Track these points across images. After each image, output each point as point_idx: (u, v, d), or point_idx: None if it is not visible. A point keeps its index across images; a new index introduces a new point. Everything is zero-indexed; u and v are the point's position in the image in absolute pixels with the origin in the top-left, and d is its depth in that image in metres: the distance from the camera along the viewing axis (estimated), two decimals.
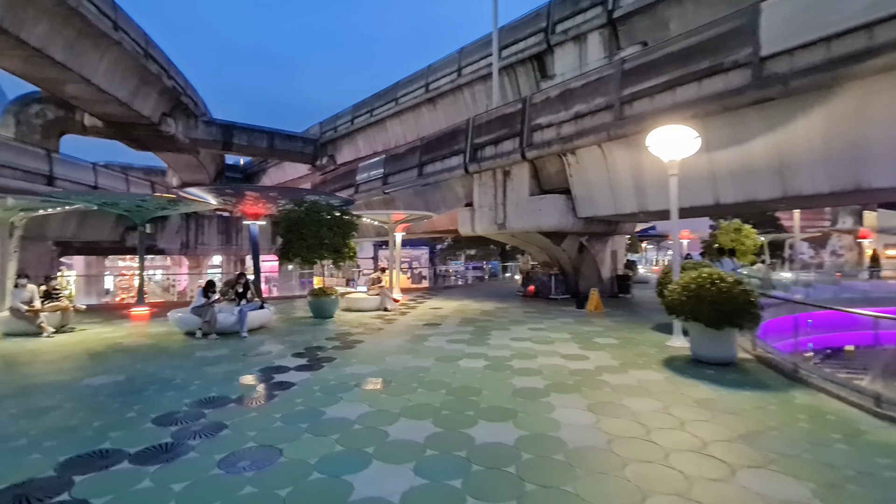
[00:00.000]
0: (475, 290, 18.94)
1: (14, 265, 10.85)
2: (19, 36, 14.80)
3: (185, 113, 27.50)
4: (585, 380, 5.15)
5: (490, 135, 13.69)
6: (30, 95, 23.88)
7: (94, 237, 22.43)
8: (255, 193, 11.30)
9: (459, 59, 22.58)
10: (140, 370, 5.68)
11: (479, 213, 14.25)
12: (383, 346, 7.15)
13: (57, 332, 8.24)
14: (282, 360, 6.25)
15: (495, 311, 11.48)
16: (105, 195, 10.70)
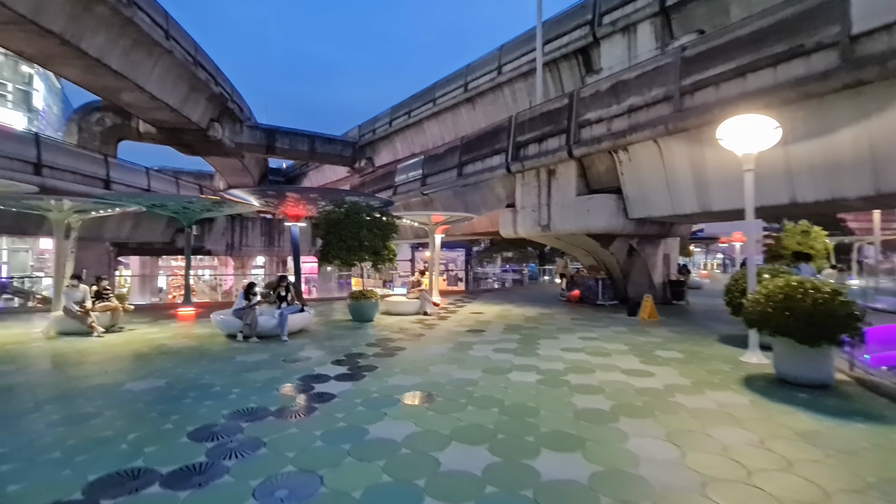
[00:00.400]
0: (514, 294, 18.34)
1: (71, 265, 11.29)
2: (80, 46, 15.58)
3: (231, 118, 28.42)
4: (656, 401, 4.55)
5: (534, 132, 13.11)
6: (91, 104, 25.36)
7: (148, 238, 23.47)
8: (296, 195, 11.25)
9: (499, 57, 22.05)
10: (181, 375, 5.55)
11: (521, 215, 13.68)
12: (426, 355, 6.76)
13: (107, 331, 8.39)
14: (322, 367, 5.98)
15: (540, 318, 10.89)
16: (154, 197, 10.97)
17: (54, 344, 7.47)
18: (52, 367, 5.95)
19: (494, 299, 15.49)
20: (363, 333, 8.69)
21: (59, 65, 17.23)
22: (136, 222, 21.41)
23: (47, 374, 5.59)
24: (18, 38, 14.88)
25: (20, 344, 7.46)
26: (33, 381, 5.26)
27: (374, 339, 8.08)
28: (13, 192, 8.91)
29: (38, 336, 8.14)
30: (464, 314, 11.55)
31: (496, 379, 5.41)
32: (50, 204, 9.10)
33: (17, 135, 14.82)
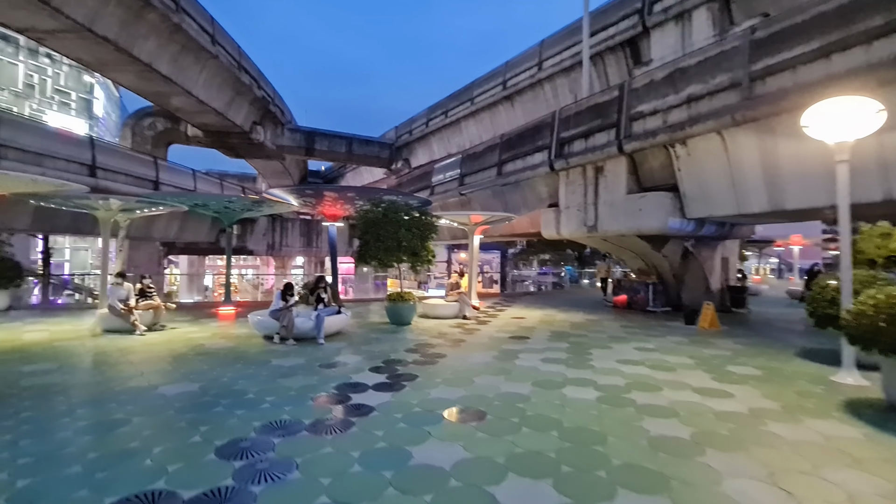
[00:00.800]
0: (554, 298, 17.57)
1: (120, 263, 11.58)
2: (132, 52, 16.15)
3: (272, 121, 29.05)
4: (744, 430, 3.87)
5: (579, 127, 12.38)
6: (143, 109, 26.54)
7: (194, 238, 24.25)
8: (334, 194, 11.07)
9: (540, 53, 21.32)
10: (215, 379, 5.33)
11: (565, 215, 12.97)
12: (469, 364, 6.28)
13: (149, 329, 8.43)
14: (359, 374, 5.62)
15: (587, 324, 10.18)
16: (196, 196, 11.09)
17: (98, 342, 7.52)
18: (91, 366, 5.89)
19: (534, 303, 14.83)
20: (401, 338, 8.31)
21: (114, 71, 17.98)
22: (183, 223, 22.12)
23: (85, 374, 5.51)
24: (77, 45, 15.58)
25: (66, 341, 7.55)
26: (70, 381, 5.17)
27: (412, 344, 7.68)
28: (64, 191, 9.14)
29: (85, 333, 8.28)
30: (504, 319, 11.00)
31: (549, 394, 4.85)
32: (97, 203, 9.29)
33: (75, 138, 15.52)
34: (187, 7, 17.64)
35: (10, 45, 34.26)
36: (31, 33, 14.85)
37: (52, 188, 8.89)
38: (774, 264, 54.34)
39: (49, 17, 13.67)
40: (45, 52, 36.58)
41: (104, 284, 9.23)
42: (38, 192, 9.03)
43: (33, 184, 8.73)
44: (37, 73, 36.19)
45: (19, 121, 13.97)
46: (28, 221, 14.22)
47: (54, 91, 37.51)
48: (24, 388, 4.85)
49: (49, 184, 8.81)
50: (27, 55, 35.48)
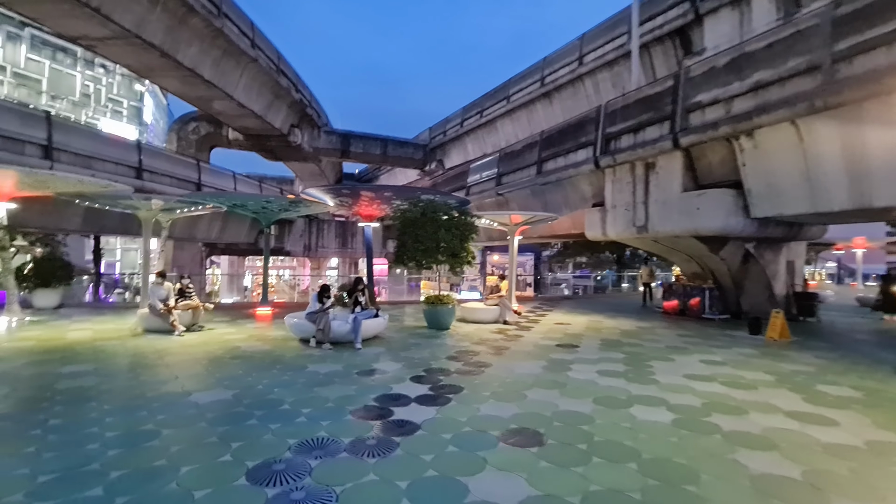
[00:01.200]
0: (594, 302, 16.71)
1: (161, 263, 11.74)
2: (176, 58, 16.55)
3: (309, 124, 29.44)
4: (870, 471, 3.17)
5: (628, 121, 11.60)
6: (187, 115, 27.45)
7: (234, 239, 24.79)
8: (370, 193, 10.80)
9: (580, 47, 20.49)
10: (250, 386, 5.05)
11: (611, 215, 12.19)
12: (517, 375, 5.75)
13: (187, 330, 8.36)
14: (400, 385, 5.21)
15: (638, 332, 9.42)
16: (235, 196, 11.09)
17: (137, 342, 7.47)
18: (128, 368, 5.76)
19: (575, 308, 14.09)
20: (441, 343, 7.87)
21: (160, 77, 18.56)
22: (224, 224, 22.61)
23: (120, 378, 5.36)
24: (126, 52, 16.11)
25: (107, 341, 7.55)
26: (104, 385, 5.00)
27: (453, 350, 7.22)
28: (109, 191, 9.26)
29: (126, 332, 8.30)
30: (547, 324, 10.38)
31: (615, 415, 4.27)
32: (139, 203, 9.36)
33: (123, 142, 16.03)
34: (228, 12, 17.98)
35: (69, 56, 36.36)
36: (84, 41, 15.46)
37: (98, 189, 9.02)
38: (832, 269, 50.60)
39: (100, 25, 14.15)
40: (99, 63, 38.62)
41: (145, 284, 9.29)
42: (84, 192, 9.19)
43: (79, 184, 8.88)
44: (92, 83, 38.25)
45: (71, 126, 14.51)
46: (79, 222, 14.74)
47: (108, 100, 39.56)
48: (59, 391, 4.72)
49: (94, 184, 8.93)
50: (84, 66, 37.56)
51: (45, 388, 4.83)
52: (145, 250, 10.02)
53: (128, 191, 9.57)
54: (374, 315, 7.85)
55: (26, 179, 8.58)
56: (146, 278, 9.29)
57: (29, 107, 15.20)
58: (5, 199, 9.29)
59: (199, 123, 27.65)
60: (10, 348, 6.78)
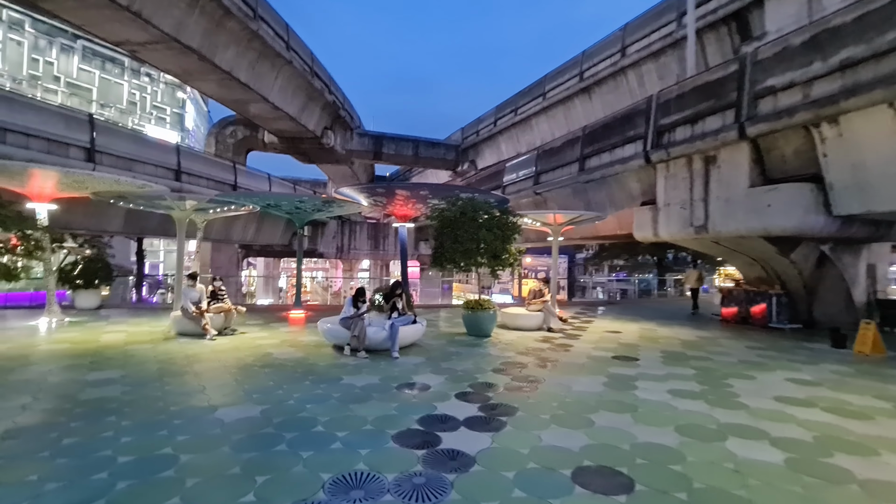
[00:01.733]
0: (638, 307, 15.62)
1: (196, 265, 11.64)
2: (213, 61, 16.67)
3: (342, 126, 29.47)
4: None
5: (684, 111, 10.63)
6: (225, 119, 28.00)
7: (268, 241, 25.00)
8: (406, 192, 10.30)
9: (623, 38, 19.43)
10: (281, 400, 4.58)
11: (664, 214, 11.23)
12: (577, 393, 5.05)
13: (219, 333, 8.08)
14: (445, 403, 4.61)
15: (701, 343, 8.49)
16: (268, 196, 10.86)
17: (168, 346, 7.21)
18: (155, 377, 5.42)
19: (622, 314, 13.13)
20: (484, 353, 7.24)
21: (198, 80, 18.82)
22: (259, 225, 22.79)
23: (146, 387, 5.00)
24: (166, 56, 16.35)
25: (139, 344, 7.33)
26: (128, 396, 4.65)
27: (498, 362, 6.58)
28: (145, 192, 9.15)
29: (159, 335, 8.10)
30: (596, 332, 9.56)
31: (709, 451, 3.52)
32: (173, 203, 9.21)
33: (162, 145, 16.26)
34: (264, 14, 18.03)
35: (117, 66, 38.11)
36: (126, 46, 15.77)
37: (133, 189, 8.91)
38: None
39: (141, 30, 14.36)
40: (144, 72, 40.30)
41: (179, 286, 9.12)
42: (121, 192, 9.10)
43: (116, 184, 8.79)
44: (138, 91, 39.96)
45: (113, 128, 14.76)
46: (120, 224, 14.98)
47: (152, 107, 41.22)
48: (81, 402, 4.39)
49: (130, 184, 8.83)
50: (130, 75, 39.28)
51: (68, 398, 4.51)
52: (179, 251, 9.88)
53: (162, 191, 9.45)
54: (411, 321, 7.30)
55: (65, 180, 8.56)
56: (180, 280, 9.12)
57: (73, 109, 15.62)
58: (46, 201, 9.34)
59: (237, 127, 28.15)
60: (43, 352, 6.64)
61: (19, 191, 9.13)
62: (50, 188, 9.01)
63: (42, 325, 8.95)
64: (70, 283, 11.69)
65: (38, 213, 9.25)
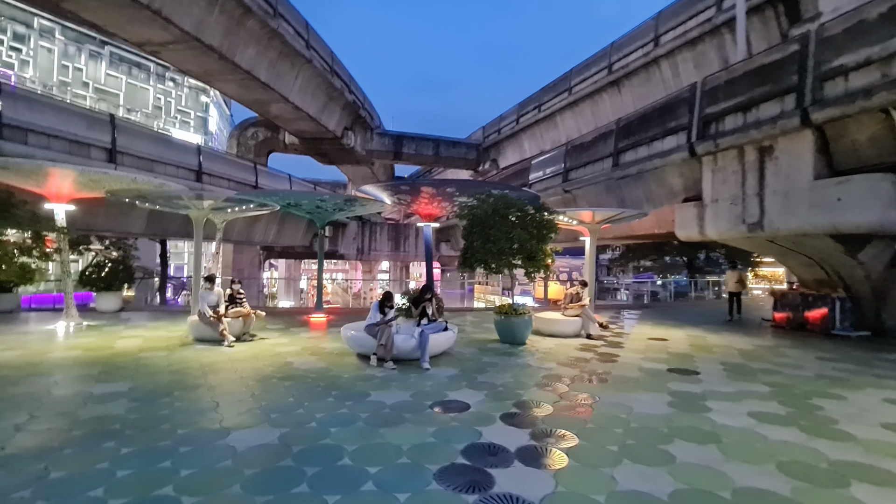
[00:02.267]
0: (675, 311, 14.64)
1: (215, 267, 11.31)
2: (234, 60, 16.44)
3: (362, 126, 29.15)
4: None
5: (734, 98, 9.74)
6: (247, 121, 28.01)
7: (289, 242, 24.82)
8: (431, 189, 9.71)
9: (656, 27, 18.46)
10: (301, 422, 4.01)
11: (711, 211, 10.34)
12: (640, 416, 4.34)
13: (238, 339, 7.63)
14: (490, 427, 3.97)
15: (761, 353, 7.62)
16: (288, 195, 10.42)
17: (184, 354, 6.77)
18: (165, 390, 4.93)
19: (661, 318, 12.23)
20: (522, 364, 6.56)
21: (219, 81, 18.66)
22: (280, 227, 22.59)
23: (154, 403, 4.51)
24: (187, 56, 16.20)
25: (154, 351, 6.92)
26: (134, 414, 4.17)
27: (541, 375, 5.89)
28: (163, 191, 8.80)
29: (176, 341, 7.70)
30: (639, 340, 8.76)
31: (832, 499, 2.79)
32: (189, 202, 8.83)
33: (184, 145, 16.10)
34: (283, 12, 17.75)
35: (143, 71, 38.81)
36: (148, 46, 15.66)
37: (151, 187, 8.56)
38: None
39: (161, 29, 14.18)
40: (169, 77, 40.94)
41: (196, 289, 8.73)
42: (139, 190, 8.76)
43: (133, 183, 8.45)
44: (163, 96, 40.61)
45: (134, 128, 14.64)
46: (142, 225, 14.84)
47: (177, 111, 41.83)
48: (80, 422, 3.91)
49: (147, 183, 8.47)
50: (156, 80, 39.95)
51: (67, 416, 4.05)
52: (196, 252, 9.52)
53: (178, 189, 9.09)
54: (443, 328, 6.68)
55: (81, 179, 8.25)
56: (198, 282, 8.73)
57: (94, 110, 15.59)
58: (64, 201, 9.08)
59: (258, 129, 28.14)
60: (53, 360, 6.26)
61: (37, 191, 8.90)
62: (67, 188, 8.74)
63: (60, 329, 8.67)
64: (91, 286, 11.49)
65: (56, 213, 9.00)
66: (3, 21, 30.45)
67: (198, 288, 8.49)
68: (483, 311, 15.81)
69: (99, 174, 8.08)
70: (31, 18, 31.92)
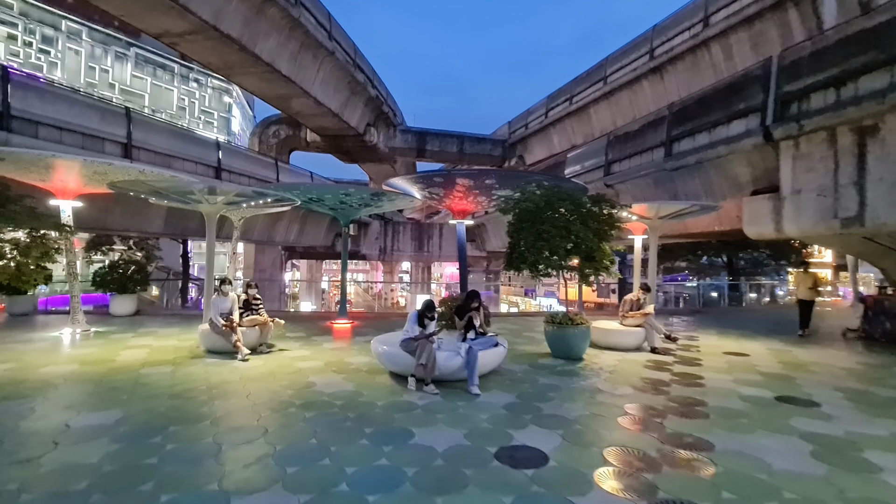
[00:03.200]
0: (729, 318, 13.14)
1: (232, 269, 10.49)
2: (254, 51, 15.71)
3: (385, 122, 28.30)
4: None
5: (824, 72, 8.33)
6: (268, 118, 27.50)
7: (311, 242, 24.14)
8: (468, 181, 8.62)
9: (705, 6, 16.90)
10: (327, 476, 2.99)
11: (792, 203, 8.93)
12: (784, 477, 3.15)
13: (253, 351, 6.70)
14: (589, 498, 2.84)
15: (875, 374, 6.26)
16: (311, 188, 9.48)
17: (191, 370, 5.86)
18: (160, 423, 3.98)
19: (722, 327, 10.80)
20: (589, 388, 5.39)
21: (239, 74, 17.99)
22: (302, 226, 21.91)
23: (140, 445, 3.56)
24: (205, 47, 15.55)
25: (159, 365, 6.04)
26: (110, 464, 3.21)
27: (620, 404, 4.71)
28: (174, 184, 7.97)
29: (186, 352, 6.82)
30: (714, 354, 7.46)
31: None
32: (201, 196, 7.97)
33: (203, 140, 15.46)
34: (305, 1, 16.95)
35: (167, 72, 39.00)
36: (166, 38, 15.05)
37: (160, 179, 7.74)
38: None
39: (179, 18, 13.52)
40: (193, 78, 41.06)
41: (208, 294, 7.87)
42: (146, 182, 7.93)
43: (141, 175, 7.64)
44: (187, 97, 40.76)
45: (151, 122, 14.03)
46: (161, 225, 14.23)
47: (200, 111, 41.92)
48: (37, 478, 2.97)
49: (156, 175, 7.65)
50: (180, 81, 40.13)
51: (24, 466, 3.11)
52: (209, 251, 8.67)
53: (188, 181, 8.22)
54: (493, 344, 5.57)
55: (85, 170, 7.47)
56: (210, 285, 7.88)
57: (109, 102, 15.06)
58: (70, 197, 8.36)
59: (279, 126, 27.61)
60: (42, 377, 5.42)
61: (41, 185, 8.19)
62: (73, 182, 8.00)
63: (65, 336, 7.93)
64: (104, 288, 10.84)
65: (61, 210, 8.28)
66: (32, 24, 30.80)
67: (210, 291, 7.62)
68: (519, 317, 14.64)
69: (103, 165, 7.28)
70: (59, 21, 32.24)
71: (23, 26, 30.26)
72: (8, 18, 29.79)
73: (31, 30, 30.60)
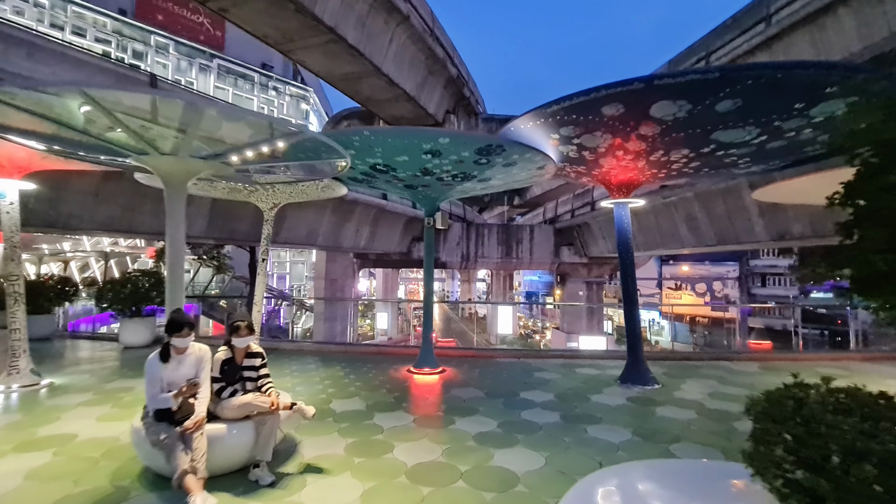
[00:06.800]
0: None
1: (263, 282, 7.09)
2: (313, 11, 12.66)
3: (466, 110, 24.63)
4: None
5: None
6: (339, 114, 25.23)
7: (385, 248, 21.06)
8: (654, 126, 4.29)
9: None
10: None
11: None
12: None
13: (256, 466, 2.93)
14: None
15: None
16: (377, 132, 5.55)
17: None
18: None
19: None
20: None
21: (300, 48, 15.13)
22: (373, 229, 18.79)
23: None
24: (259, 14, 12.83)
25: None
26: None
27: None
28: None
29: (122, 460, 3.27)
30: None
31: None
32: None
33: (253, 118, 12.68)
34: None
35: (248, 81, 39.17)
36: (213, 4, 12.51)
37: None
38: None
39: None
40: (272, 86, 40.94)
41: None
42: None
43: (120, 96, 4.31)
44: (266, 105, 40.70)
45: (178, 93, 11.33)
46: (203, 227, 11.56)
47: None
48: None
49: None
50: (259, 90, 40.21)
51: None
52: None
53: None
54: None
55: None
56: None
57: (128, 65, 12.84)
58: (16, 176, 5.37)
59: (350, 122, 25.15)
60: None
61: None
62: (22, 158, 4.94)
63: None
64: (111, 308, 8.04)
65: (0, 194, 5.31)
66: (124, 40, 31.79)
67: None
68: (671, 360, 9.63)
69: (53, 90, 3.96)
70: (148, 37, 33.08)
71: (115, 43, 31.26)
72: (102, 36, 30.86)
73: (123, 46, 31.57)
